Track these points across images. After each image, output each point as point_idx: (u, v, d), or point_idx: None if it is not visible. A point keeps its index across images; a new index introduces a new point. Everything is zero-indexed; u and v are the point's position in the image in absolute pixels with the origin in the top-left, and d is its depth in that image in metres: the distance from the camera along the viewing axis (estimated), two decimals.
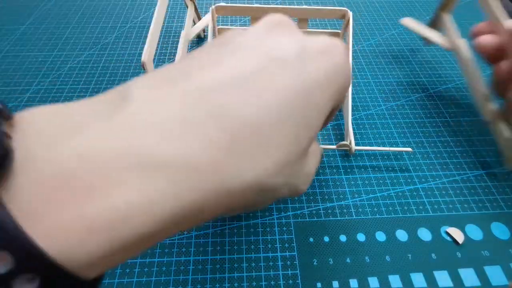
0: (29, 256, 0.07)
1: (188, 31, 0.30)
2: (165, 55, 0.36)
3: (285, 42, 0.13)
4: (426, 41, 0.35)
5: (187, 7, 0.33)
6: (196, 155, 0.09)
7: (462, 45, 0.29)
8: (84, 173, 0.08)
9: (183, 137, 0.09)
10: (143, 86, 0.10)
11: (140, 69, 0.34)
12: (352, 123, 0.29)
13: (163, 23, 0.33)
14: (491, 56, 0.24)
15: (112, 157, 0.08)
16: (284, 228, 0.23)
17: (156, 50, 0.37)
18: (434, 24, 0.33)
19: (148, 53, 0.22)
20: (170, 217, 0.09)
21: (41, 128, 0.09)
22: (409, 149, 0.26)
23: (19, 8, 0.43)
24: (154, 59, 0.36)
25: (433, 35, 0.32)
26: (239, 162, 0.10)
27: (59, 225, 0.07)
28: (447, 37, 0.31)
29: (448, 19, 0.31)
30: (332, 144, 0.28)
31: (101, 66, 0.35)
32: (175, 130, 0.09)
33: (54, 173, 0.08)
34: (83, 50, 0.37)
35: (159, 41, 0.38)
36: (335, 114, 0.18)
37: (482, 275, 0.21)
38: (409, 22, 0.34)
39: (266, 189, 0.11)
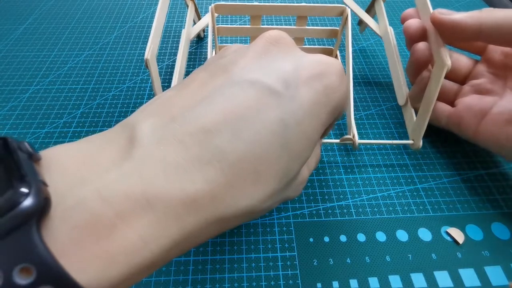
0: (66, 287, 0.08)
1: (189, 31, 0.30)
2: (165, 55, 0.36)
3: (279, 68, 0.14)
4: (361, 28, 0.38)
5: (187, 6, 0.33)
6: (196, 192, 0.11)
7: (390, 32, 0.31)
8: (106, 214, 0.10)
9: (184, 178, 0.11)
10: (147, 129, 0.12)
11: (140, 68, 0.34)
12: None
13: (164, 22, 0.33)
14: (414, 39, 0.26)
15: (127, 199, 0.10)
16: (284, 228, 0.23)
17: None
18: (370, 10, 0.35)
19: (151, 50, 0.22)
20: (174, 244, 0.11)
21: (65, 168, 0.10)
22: (411, 141, 0.26)
23: (19, 8, 0.43)
24: (166, 57, 0.35)
25: (368, 20, 0.33)
26: (233, 194, 0.12)
27: (87, 261, 0.09)
28: (379, 24, 0.33)
29: (381, 6, 0.33)
30: (334, 146, 0.28)
31: (100, 66, 0.35)
32: (177, 172, 0.11)
33: (82, 217, 0.09)
34: (83, 50, 0.37)
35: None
36: (333, 126, 0.18)
37: (482, 275, 0.21)
38: (350, 2, 0.34)
39: (257, 212, 0.13)
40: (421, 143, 0.25)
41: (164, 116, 0.12)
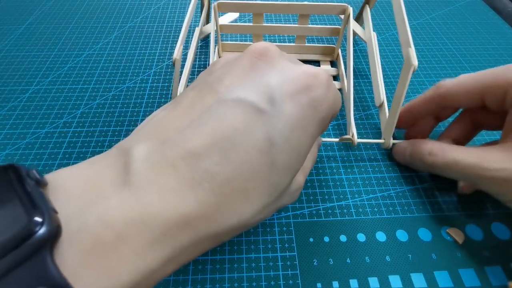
0: None
1: (201, 29, 0.30)
2: (165, 55, 0.36)
3: (264, 84, 0.14)
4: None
5: (203, 5, 0.33)
6: (189, 212, 0.11)
7: (373, 37, 0.31)
8: (108, 237, 0.10)
9: (177, 200, 0.11)
10: (141, 154, 0.12)
11: (140, 68, 0.34)
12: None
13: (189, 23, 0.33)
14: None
15: (126, 222, 0.11)
16: (284, 228, 0.23)
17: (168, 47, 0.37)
18: (359, 18, 0.35)
19: (179, 51, 0.23)
20: (170, 259, 0.12)
21: (70, 194, 0.11)
22: (382, 140, 0.26)
23: (19, 8, 0.43)
24: (166, 57, 0.36)
25: (355, 27, 0.33)
26: (224, 212, 0.12)
27: (93, 280, 0.10)
28: (365, 29, 0.33)
29: (367, 12, 0.32)
30: (334, 146, 0.28)
31: (100, 66, 0.35)
32: (170, 195, 0.12)
33: (87, 241, 0.10)
34: (83, 50, 0.37)
35: (169, 40, 0.38)
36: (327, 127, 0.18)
37: (482, 275, 0.21)
38: None
39: (250, 225, 0.14)
40: (391, 142, 0.26)
41: (156, 140, 0.13)
